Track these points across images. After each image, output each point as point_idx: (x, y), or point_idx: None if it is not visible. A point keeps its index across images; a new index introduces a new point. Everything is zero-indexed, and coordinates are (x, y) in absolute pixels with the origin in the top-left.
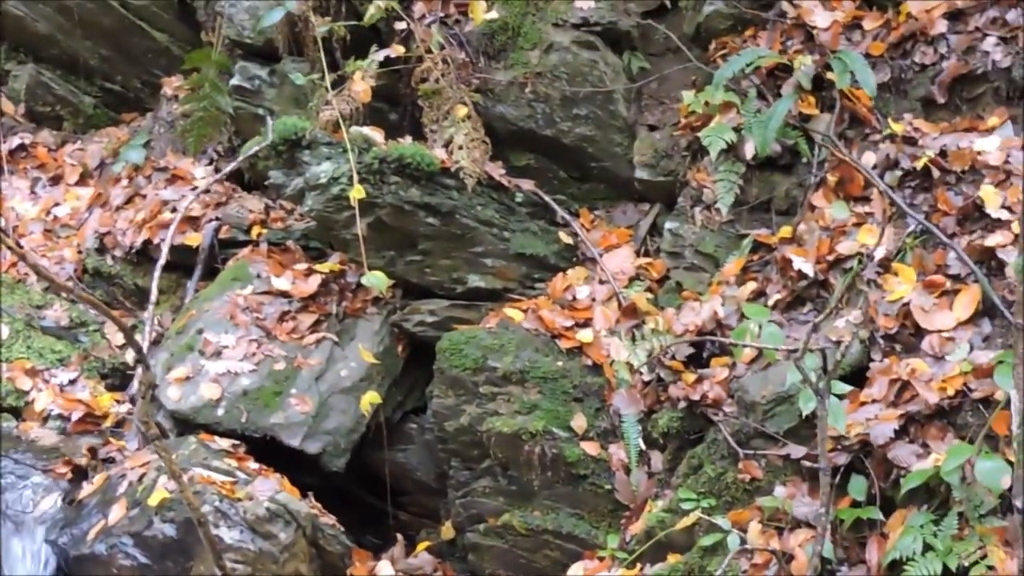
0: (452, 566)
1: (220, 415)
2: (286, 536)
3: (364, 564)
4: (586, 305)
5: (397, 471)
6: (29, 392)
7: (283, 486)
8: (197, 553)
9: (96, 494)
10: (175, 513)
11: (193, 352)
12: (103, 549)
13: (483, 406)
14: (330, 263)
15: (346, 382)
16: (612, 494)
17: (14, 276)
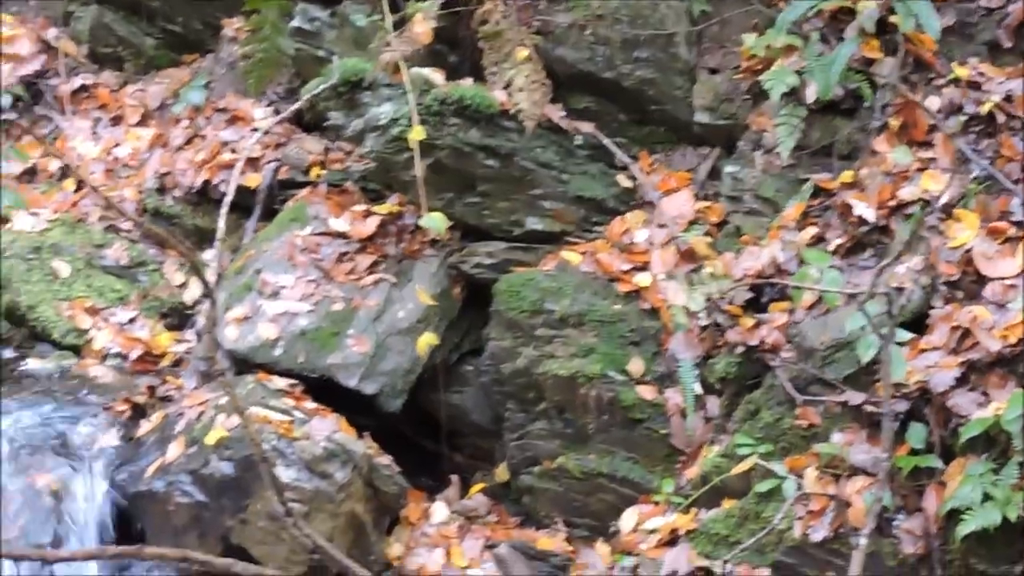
0: (506, 508)
1: (278, 355)
2: (343, 476)
3: (419, 505)
4: (644, 249)
5: (453, 413)
6: (88, 331)
7: (340, 426)
8: (254, 491)
9: (154, 432)
10: (232, 451)
11: (251, 292)
12: (161, 486)
13: (540, 348)
14: (388, 205)
15: (403, 323)
16: (668, 439)
17: (75, 215)
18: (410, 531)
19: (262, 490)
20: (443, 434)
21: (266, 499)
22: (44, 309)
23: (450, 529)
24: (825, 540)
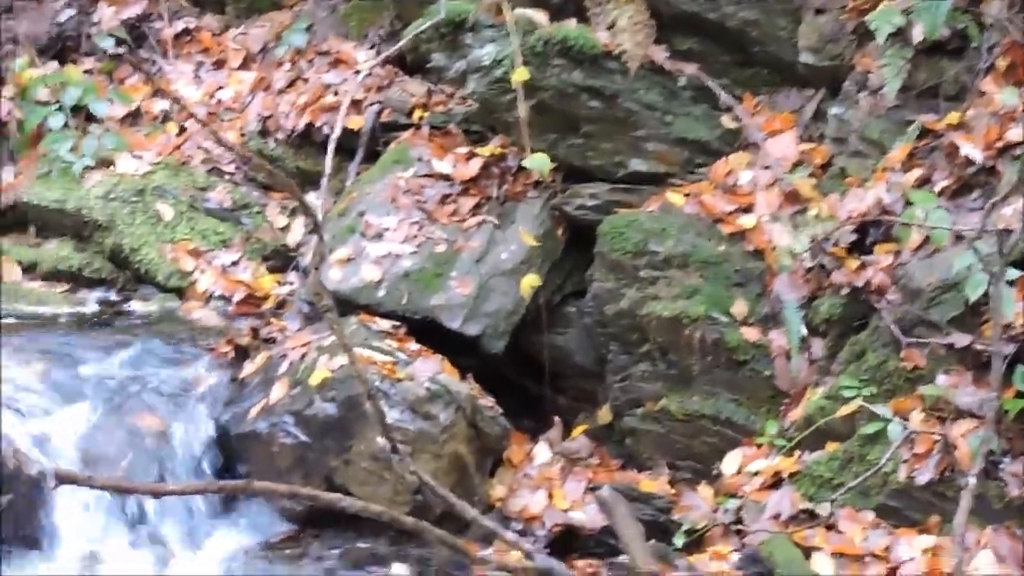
0: (609, 450)
1: (381, 296)
2: (446, 417)
3: (522, 447)
4: (748, 190)
5: (555, 355)
6: (192, 273)
7: (443, 367)
8: (357, 432)
9: (257, 373)
10: (336, 392)
11: (354, 234)
12: (264, 427)
13: (643, 290)
14: (491, 147)
15: (506, 265)
16: (771, 380)
17: (178, 158)
18: (512, 473)
19: (365, 431)
20: (545, 376)
21: (369, 440)
22: (148, 251)
23: (552, 471)
24: (930, 483)
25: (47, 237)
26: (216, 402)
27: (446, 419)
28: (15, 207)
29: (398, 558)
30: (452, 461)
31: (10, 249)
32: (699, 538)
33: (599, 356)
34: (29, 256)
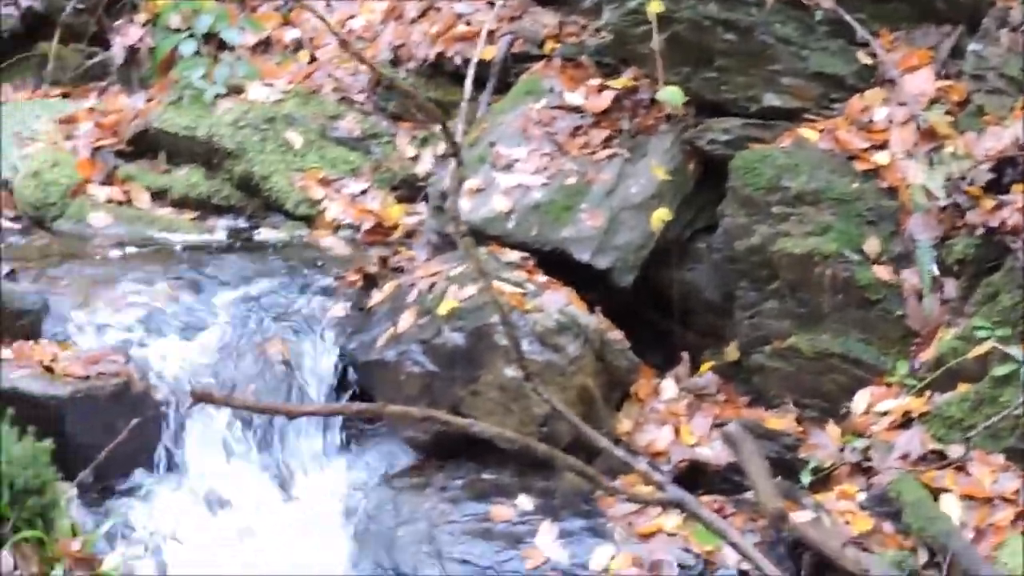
0: (736, 387)
1: (511, 227)
2: (574, 349)
3: (648, 381)
4: (883, 127)
5: (684, 290)
6: (321, 201)
7: (571, 300)
8: (485, 362)
9: (386, 302)
10: (464, 322)
11: (485, 164)
12: (392, 356)
13: (775, 226)
14: (623, 79)
15: (636, 198)
16: (903, 320)
17: (308, 86)
18: (639, 407)
19: (493, 361)
20: (674, 311)
21: (497, 371)
22: (277, 179)
23: (679, 406)
24: None
25: (177, 164)
26: (343, 330)
27: (574, 351)
28: (146, 133)
29: (523, 490)
30: (579, 394)
31: (140, 175)
32: (826, 477)
33: (728, 292)
34: (159, 183)
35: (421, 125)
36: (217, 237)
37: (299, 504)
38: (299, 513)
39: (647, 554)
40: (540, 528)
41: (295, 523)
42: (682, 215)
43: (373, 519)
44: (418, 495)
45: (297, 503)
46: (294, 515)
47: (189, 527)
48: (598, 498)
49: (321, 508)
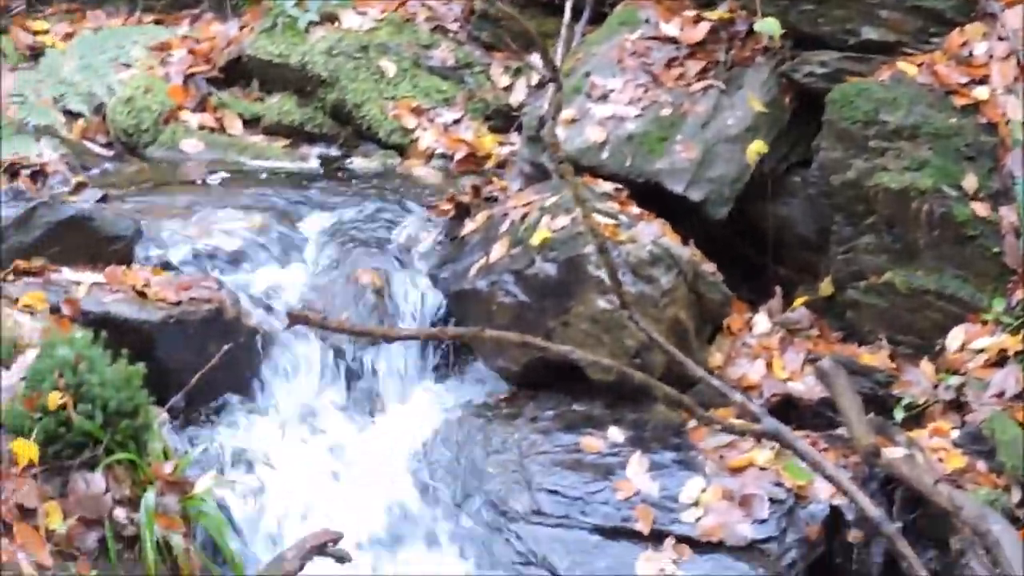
0: (829, 323)
1: (604, 158)
2: (667, 281)
3: (741, 315)
4: (983, 62)
5: (778, 224)
6: (414, 130)
7: (665, 231)
8: (577, 293)
9: (478, 232)
10: (557, 253)
11: (580, 95)
12: (484, 286)
13: (871, 161)
14: (719, 11)
15: (732, 131)
16: (999, 257)
17: (402, 15)
18: (731, 341)
19: (586, 293)
20: (768, 246)
21: (589, 302)
22: (370, 108)
23: (771, 341)
24: None
25: (269, 91)
26: (436, 259)
27: (667, 283)
28: (239, 61)
29: (614, 422)
30: (671, 326)
31: (232, 102)
32: (919, 414)
33: (822, 227)
34: (251, 110)
35: (515, 55)
36: (309, 165)
37: (388, 432)
38: (388, 440)
39: (738, 488)
40: (631, 460)
41: (384, 450)
42: (777, 148)
43: (463, 448)
44: (508, 425)
45: (386, 430)
46: (383, 442)
47: (280, 452)
48: (689, 431)
49: (410, 436)
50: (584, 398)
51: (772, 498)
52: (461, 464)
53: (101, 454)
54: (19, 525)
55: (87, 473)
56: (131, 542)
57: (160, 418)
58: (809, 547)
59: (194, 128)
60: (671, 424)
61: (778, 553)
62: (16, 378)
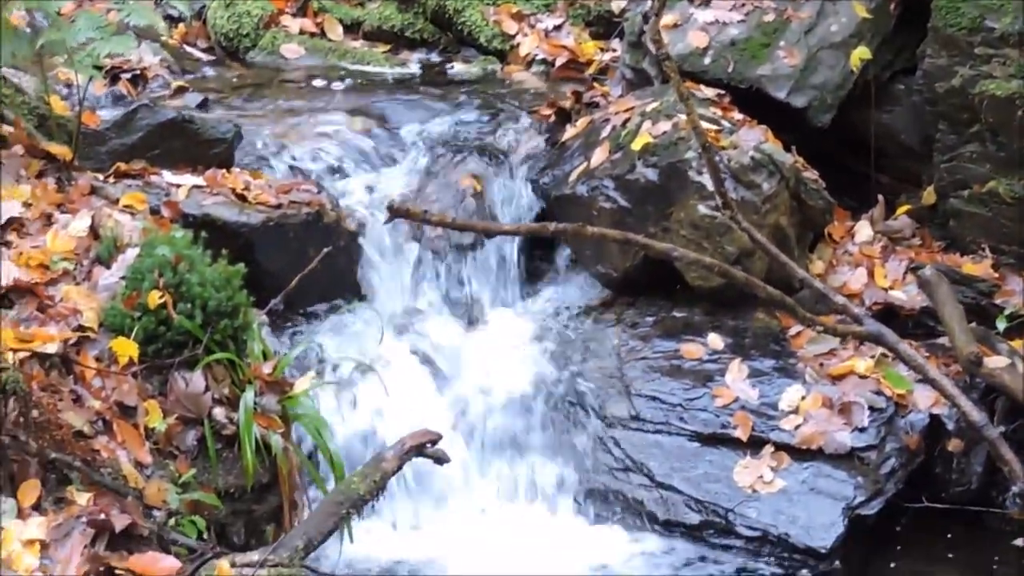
0: (931, 231)
1: (706, 64)
2: (768, 187)
3: (842, 223)
4: None
5: (881, 132)
6: (515, 36)
7: (767, 137)
8: (677, 200)
9: (578, 138)
10: (658, 158)
11: (682, 0)
12: (584, 191)
13: (977, 68)
14: None
15: (835, 37)
16: None
17: None
18: (832, 249)
19: (686, 199)
20: (870, 154)
21: (690, 208)
22: (471, 14)
23: (873, 249)
24: None
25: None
26: (536, 164)
27: (769, 189)
28: None
29: (713, 328)
30: (772, 232)
31: (333, 7)
32: (1021, 324)
33: (926, 136)
34: (351, 15)
35: None
36: (409, 71)
37: (486, 337)
38: (486, 345)
39: (838, 396)
40: (730, 367)
41: (483, 353)
42: (881, 55)
43: (561, 353)
44: (608, 331)
45: (484, 336)
46: (480, 346)
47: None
48: (789, 339)
49: (507, 342)
50: (684, 305)
51: (872, 406)
52: (559, 370)
53: (201, 354)
54: (119, 423)
55: (186, 372)
56: (230, 441)
57: (259, 319)
58: (909, 456)
59: (294, 33)
60: (771, 331)
61: (877, 462)
62: (116, 277)
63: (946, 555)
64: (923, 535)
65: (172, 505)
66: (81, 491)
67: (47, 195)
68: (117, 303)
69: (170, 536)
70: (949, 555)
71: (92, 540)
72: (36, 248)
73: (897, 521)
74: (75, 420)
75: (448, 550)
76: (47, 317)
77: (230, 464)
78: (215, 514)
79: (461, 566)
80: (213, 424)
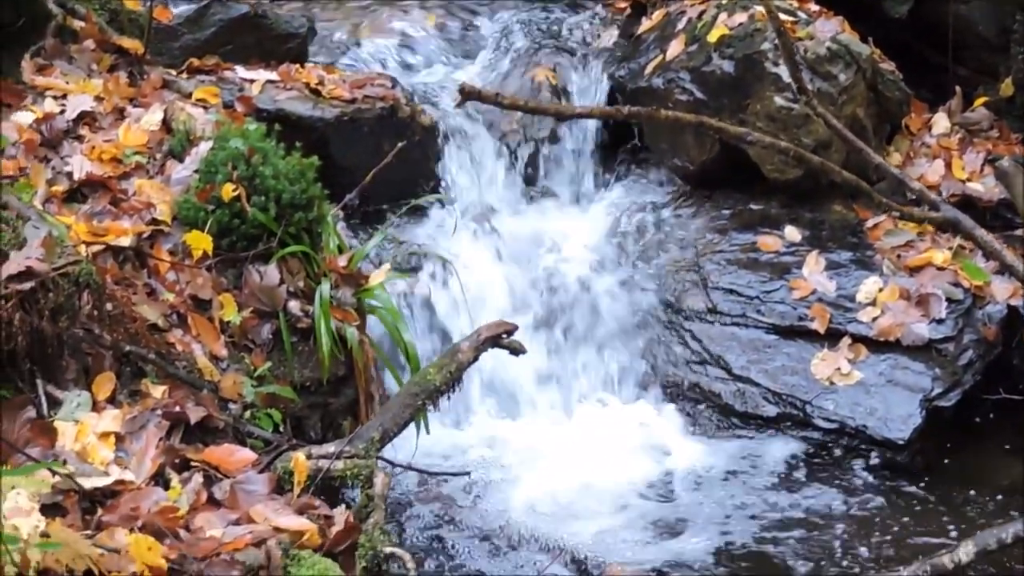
0: (1009, 123)
1: None
2: (845, 78)
3: (920, 116)
4: None
5: (958, 24)
6: None
7: (843, 28)
8: (754, 91)
9: (655, 30)
10: (734, 50)
11: None
12: (660, 83)
13: None
14: None
15: None
16: None
17: None
18: (910, 141)
19: (762, 91)
20: (948, 46)
21: (766, 100)
22: None
23: (951, 141)
24: None
25: None
26: (612, 58)
27: (846, 80)
28: None
29: (790, 221)
30: (849, 124)
31: None
32: None
33: (1003, 27)
34: None
35: None
36: None
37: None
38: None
39: (915, 287)
40: (807, 259)
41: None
42: None
43: (638, 247)
44: (685, 224)
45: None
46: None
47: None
48: (867, 231)
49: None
50: (760, 198)
51: (950, 298)
52: (637, 264)
53: (275, 246)
54: (194, 316)
55: (261, 265)
56: (305, 334)
57: (334, 213)
58: (987, 347)
59: None
60: (848, 223)
61: (955, 353)
62: (190, 170)
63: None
64: (1000, 427)
65: (248, 398)
66: (156, 384)
67: (119, 89)
68: (190, 196)
69: (246, 428)
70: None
71: (167, 432)
72: (108, 142)
73: (974, 413)
74: (149, 313)
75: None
76: (120, 211)
77: (306, 357)
78: (291, 407)
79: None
80: (288, 317)
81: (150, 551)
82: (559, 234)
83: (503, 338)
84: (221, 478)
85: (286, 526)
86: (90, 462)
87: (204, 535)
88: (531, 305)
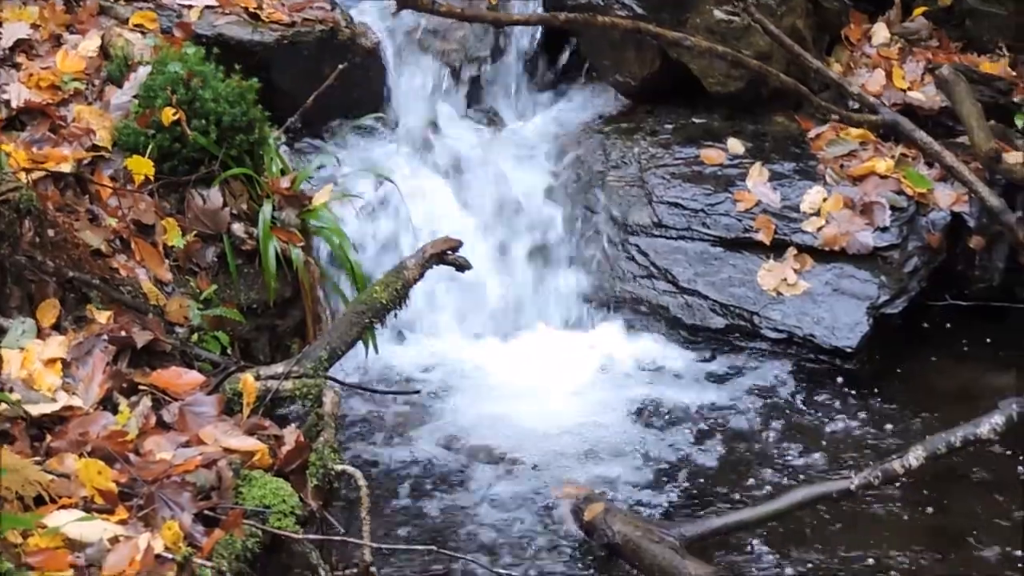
0: (948, 33)
1: None
2: None
3: (860, 26)
4: None
5: None
6: None
7: None
8: (693, 5)
9: None
10: None
11: None
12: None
13: None
14: None
15: None
16: None
17: None
18: (850, 52)
19: (702, 3)
20: None
21: (706, 13)
22: None
23: (891, 51)
24: None
25: None
26: None
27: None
28: None
29: (733, 133)
30: (788, 34)
31: None
32: None
33: None
34: None
35: None
36: None
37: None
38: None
39: (859, 196)
40: (751, 171)
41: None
42: None
43: (581, 163)
44: (628, 140)
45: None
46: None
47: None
48: (809, 141)
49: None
50: (703, 111)
51: (893, 206)
52: (580, 179)
53: (217, 170)
54: (137, 241)
55: (203, 189)
56: (250, 256)
57: (275, 135)
58: (931, 254)
59: None
60: (791, 134)
61: (900, 260)
62: (129, 96)
63: (971, 351)
64: (947, 333)
65: (194, 321)
66: (101, 309)
67: (55, 16)
68: (130, 122)
69: (193, 351)
70: (974, 351)
71: (114, 357)
72: (46, 69)
73: (921, 319)
74: (92, 239)
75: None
76: (60, 137)
77: (251, 280)
78: (239, 330)
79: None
80: (232, 240)
81: (100, 475)
82: (502, 152)
83: (448, 254)
84: (169, 401)
85: (236, 447)
86: (37, 389)
87: (154, 458)
88: (475, 221)
